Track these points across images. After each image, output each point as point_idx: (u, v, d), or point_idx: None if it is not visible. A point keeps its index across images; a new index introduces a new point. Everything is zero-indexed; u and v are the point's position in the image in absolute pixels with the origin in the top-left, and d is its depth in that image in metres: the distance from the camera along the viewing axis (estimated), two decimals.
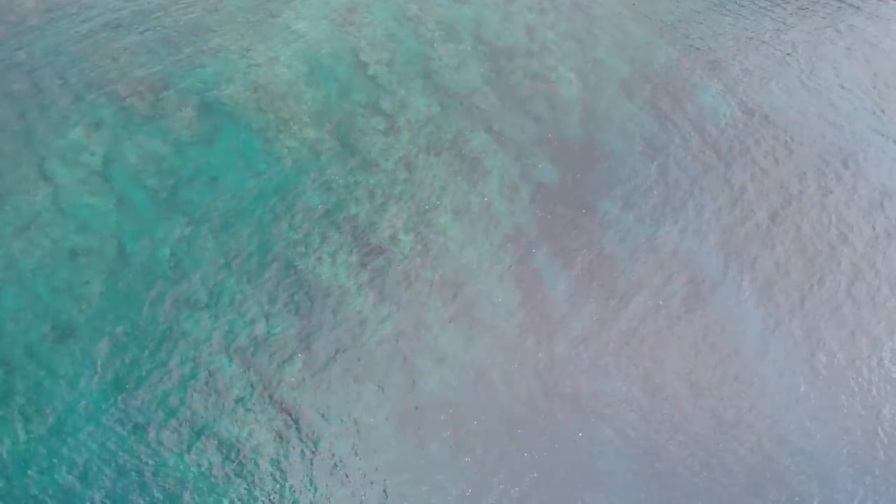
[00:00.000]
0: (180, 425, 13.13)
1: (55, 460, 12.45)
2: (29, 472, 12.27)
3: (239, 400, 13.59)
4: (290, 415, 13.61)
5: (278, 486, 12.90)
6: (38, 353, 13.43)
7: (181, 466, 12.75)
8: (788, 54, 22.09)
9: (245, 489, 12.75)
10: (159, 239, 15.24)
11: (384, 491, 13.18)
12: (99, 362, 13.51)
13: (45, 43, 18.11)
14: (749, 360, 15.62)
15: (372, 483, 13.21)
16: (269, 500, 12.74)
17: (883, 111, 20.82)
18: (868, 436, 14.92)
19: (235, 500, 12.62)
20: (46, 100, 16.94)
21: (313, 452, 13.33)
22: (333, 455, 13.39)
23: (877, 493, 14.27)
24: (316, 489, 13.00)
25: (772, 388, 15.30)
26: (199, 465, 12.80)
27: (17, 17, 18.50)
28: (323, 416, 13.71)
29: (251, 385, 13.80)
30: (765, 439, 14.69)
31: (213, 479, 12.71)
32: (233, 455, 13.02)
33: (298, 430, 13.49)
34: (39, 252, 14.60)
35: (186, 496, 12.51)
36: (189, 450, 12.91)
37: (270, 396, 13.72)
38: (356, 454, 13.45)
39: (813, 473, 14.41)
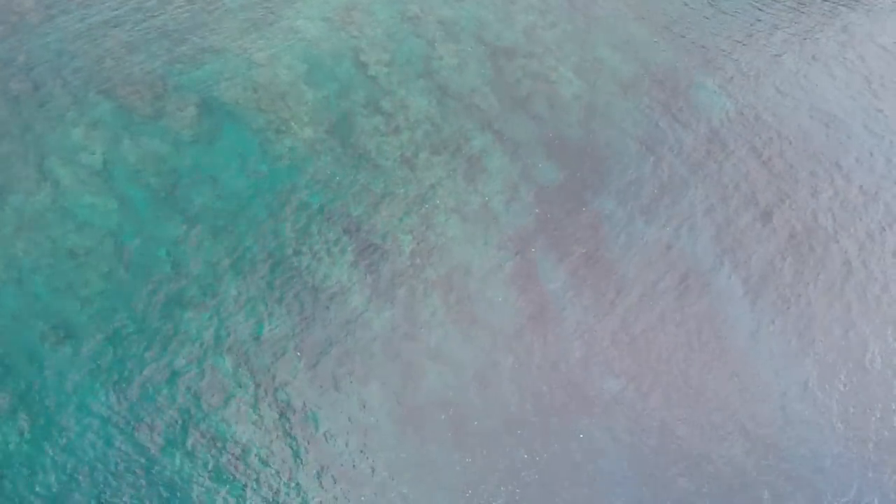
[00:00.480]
0: (179, 425, 13.16)
1: (55, 459, 12.47)
2: (28, 471, 12.29)
3: (238, 399, 13.62)
4: (289, 414, 13.65)
5: (277, 485, 12.95)
6: (38, 353, 13.42)
7: (180, 466, 12.79)
8: (784, 53, 22.15)
9: (244, 489, 12.79)
10: (159, 238, 15.22)
11: (384, 491, 13.24)
12: (98, 362, 13.52)
13: (44, 42, 18.00)
14: (745, 358, 15.72)
15: (372, 483, 13.28)
16: (269, 499, 12.79)
17: (878, 110, 20.90)
18: (861, 436, 15.06)
19: (235, 499, 12.67)
20: (46, 99, 16.85)
21: (313, 452, 13.38)
22: (333, 455, 13.44)
23: (869, 494, 14.44)
24: (315, 489, 13.05)
25: (768, 388, 15.41)
26: (199, 465, 12.83)
27: (17, 16, 18.36)
28: (323, 415, 13.76)
29: (250, 384, 13.83)
30: (761, 440, 14.80)
31: (212, 479, 12.76)
32: (232, 454, 13.06)
33: (298, 429, 13.53)
34: (39, 252, 14.57)
35: (186, 496, 12.55)
36: (188, 449, 12.95)
37: (270, 396, 13.75)
38: (356, 454, 13.51)
39: (807, 473, 14.55)
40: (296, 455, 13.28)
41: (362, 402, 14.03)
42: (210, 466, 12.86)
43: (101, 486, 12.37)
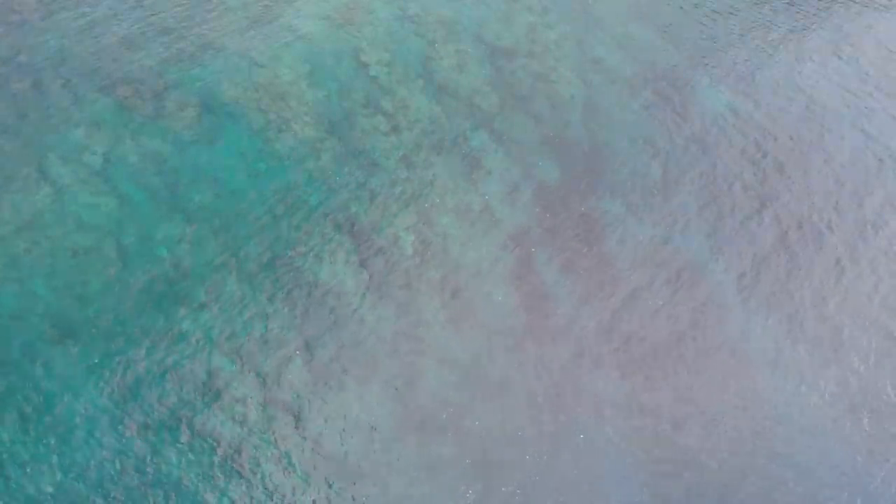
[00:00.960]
0: (179, 425, 13.15)
1: (54, 460, 12.46)
2: (28, 471, 12.27)
3: (238, 400, 13.61)
4: (288, 413, 13.66)
5: (277, 486, 12.97)
6: (38, 353, 13.39)
7: (179, 466, 12.79)
8: (780, 51, 22.21)
9: (244, 489, 12.80)
10: (159, 238, 15.19)
11: (384, 490, 13.27)
12: (98, 362, 13.49)
13: (45, 41, 17.91)
14: (740, 357, 15.79)
15: (372, 484, 13.31)
16: (267, 498, 12.82)
17: (873, 108, 20.99)
18: (857, 435, 15.16)
19: (234, 500, 12.68)
20: (46, 97, 16.77)
21: (312, 451, 13.40)
22: (333, 455, 13.47)
23: (867, 494, 14.54)
24: (315, 490, 13.08)
25: (763, 387, 15.49)
26: (198, 465, 12.84)
27: (18, 14, 18.26)
28: (323, 416, 13.76)
29: (250, 385, 13.83)
30: (757, 439, 14.88)
31: (211, 480, 12.76)
32: (232, 455, 13.07)
33: (298, 430, 13.53)
34: (39, 251, 14.53)
35: (184, 494, 12.56)
36: (187, 450, 12.95)
37: (270, 396, 13.76)
38: (356, 454, 13.53)
39: (803, 472, 14.63)
40: (294, 454, 13.29)
41: (363, 403, 14.05)
42: (208, 465, 12.87)
43: (101, 483, 12.38)
